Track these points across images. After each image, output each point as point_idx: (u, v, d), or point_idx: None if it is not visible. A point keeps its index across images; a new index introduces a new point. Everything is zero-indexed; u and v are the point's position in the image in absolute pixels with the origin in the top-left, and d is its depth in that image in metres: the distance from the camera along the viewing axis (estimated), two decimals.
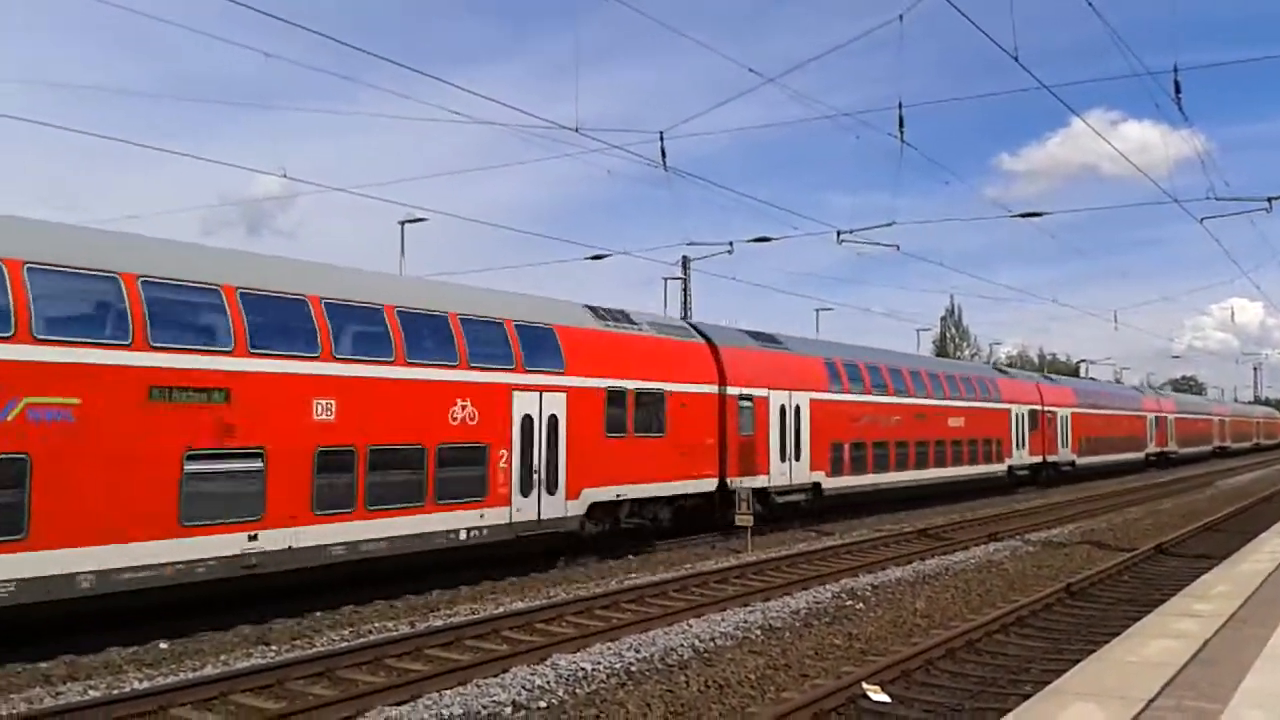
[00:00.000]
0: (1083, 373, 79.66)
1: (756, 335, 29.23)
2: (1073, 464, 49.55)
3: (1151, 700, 7.07)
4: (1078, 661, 9.62)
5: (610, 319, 23.21)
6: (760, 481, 26.52)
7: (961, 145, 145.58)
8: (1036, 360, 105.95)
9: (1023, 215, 27.55)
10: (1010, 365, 67.28)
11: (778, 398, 27.78)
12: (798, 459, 28.47)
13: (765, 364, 27.95)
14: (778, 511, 27.76)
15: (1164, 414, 67.66)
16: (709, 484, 25.03)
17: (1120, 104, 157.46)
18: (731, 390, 25.91)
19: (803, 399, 28.82)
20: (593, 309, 23.05)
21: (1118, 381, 77.55)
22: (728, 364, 26.08)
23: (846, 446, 30.76)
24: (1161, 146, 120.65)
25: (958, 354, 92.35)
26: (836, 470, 30.22)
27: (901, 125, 20.90)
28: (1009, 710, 7.81)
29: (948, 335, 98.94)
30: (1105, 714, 6.71)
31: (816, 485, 29.40)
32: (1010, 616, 15.41)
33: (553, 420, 20.34)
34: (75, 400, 12.97)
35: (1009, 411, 42.98)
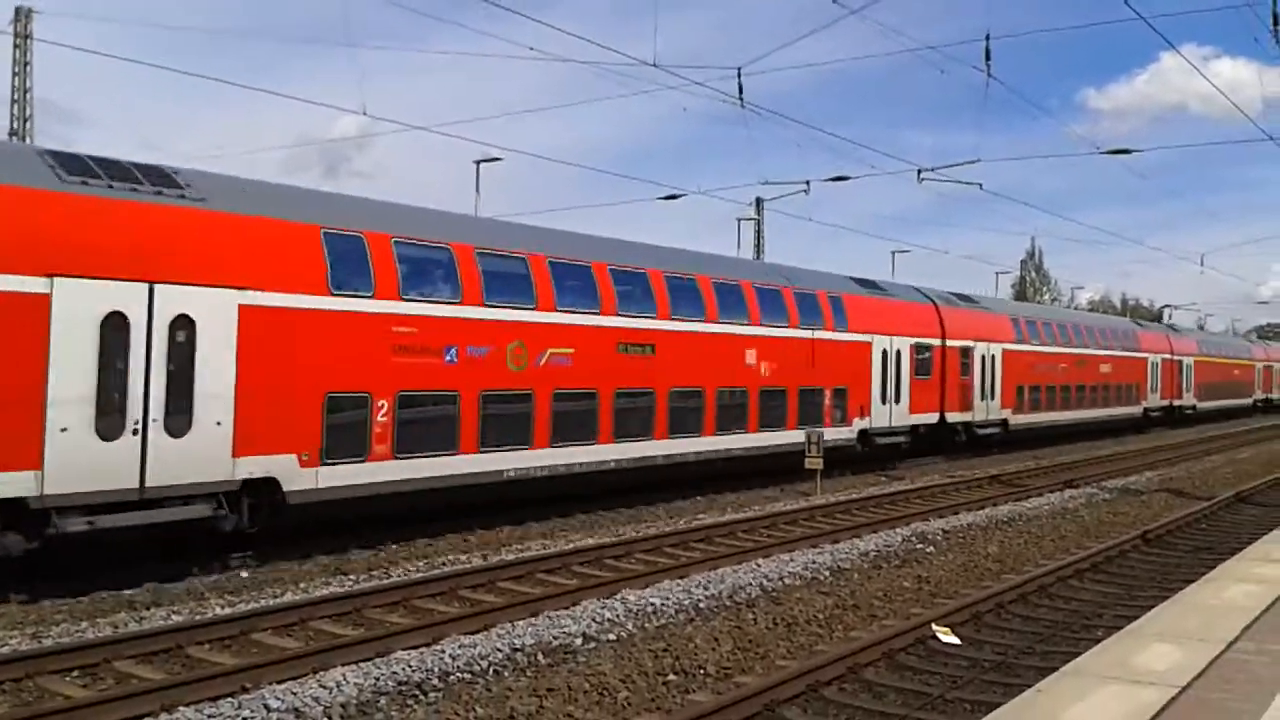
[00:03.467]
0: (1165, 318, 77.69)
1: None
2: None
3: (1232, 642, 6.96)
4: (1153, 606, 9.47)
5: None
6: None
7: (1047, 81, 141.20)
8: (1119, 306, 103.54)
9: (1112, 152, 27.05)
10: (1093, 310, 66.18)
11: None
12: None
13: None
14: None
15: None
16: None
17: (1213, 39, 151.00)
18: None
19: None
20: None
21: (1201, 328, 75.47)
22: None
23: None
24: (1255, 84, 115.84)
25: (1038, 298, 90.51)
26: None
27: (988, 58, 20.44)
28: (1081, 653, 7.72)
29: (1027, 279, 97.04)
30: (1184, 654, 6.61)
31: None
32: (1085, 562, 15.22)
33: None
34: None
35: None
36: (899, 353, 28.30)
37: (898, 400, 28.19)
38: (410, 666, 9.64)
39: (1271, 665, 6.49)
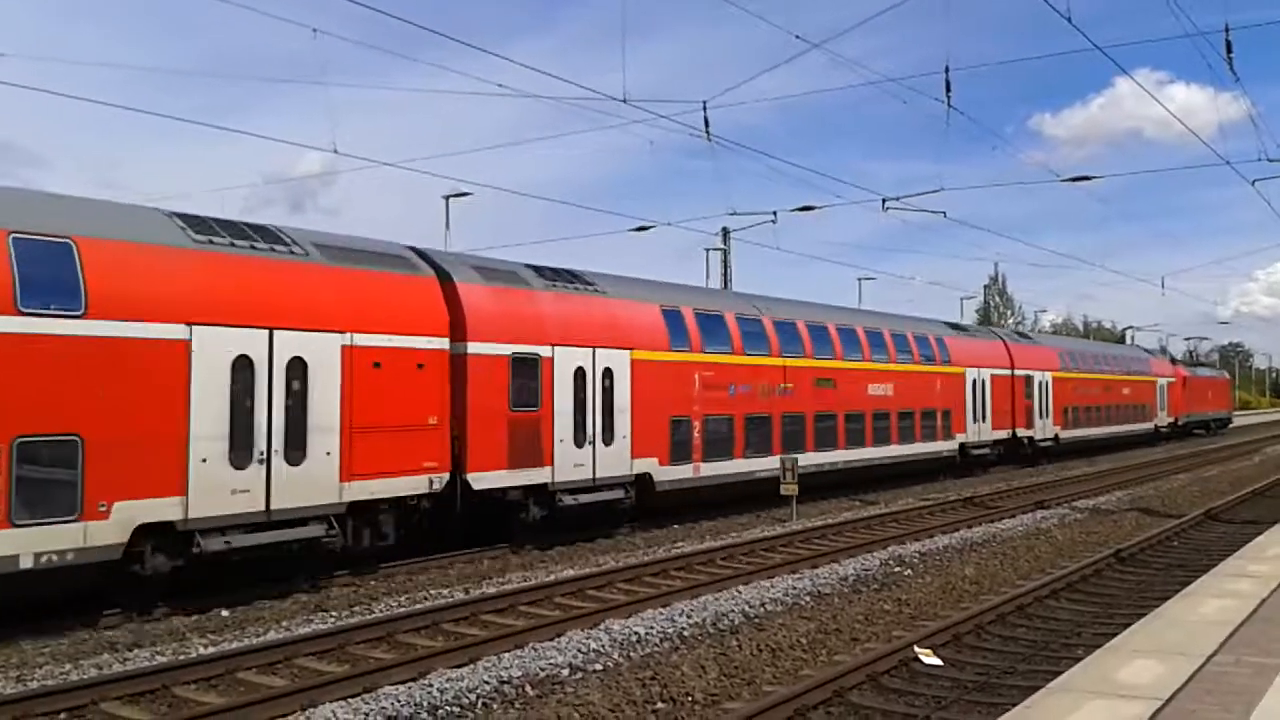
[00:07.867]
0: (1128, 340, 78.73)
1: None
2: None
3: (1211, 656, 7.12)
4: (1129, 624, 9.64)
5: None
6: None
7: (1005, 110, 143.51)
8: (1081, 328, 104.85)
9: (1072, 180, 27.39)
10: (1055, 333, 67.36)
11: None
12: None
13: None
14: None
15: None
16: None
17: (1167, 65, 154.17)
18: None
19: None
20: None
21: (1163, 350, 76.26)
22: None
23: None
24: (1209, 109, 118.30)
25: (1002, 322, 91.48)
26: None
27: (948, 90, 20.80)
28: (1062, 671, 7.85)
29: (991, 303, 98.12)
30: (1166, 668, 6.76)
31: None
32: (1060, 582, 15.40)
33: None
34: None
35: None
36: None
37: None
38: (399, 701, 9.64)
39: (1251, 676, 6.65)
